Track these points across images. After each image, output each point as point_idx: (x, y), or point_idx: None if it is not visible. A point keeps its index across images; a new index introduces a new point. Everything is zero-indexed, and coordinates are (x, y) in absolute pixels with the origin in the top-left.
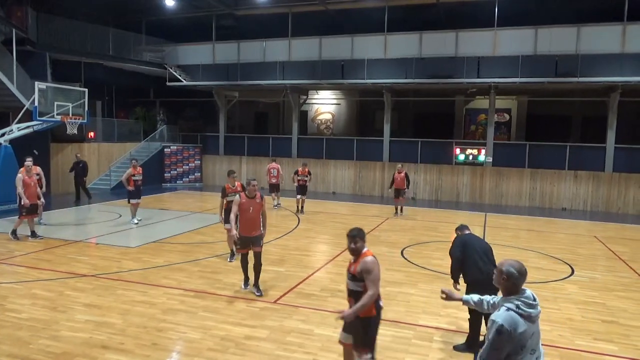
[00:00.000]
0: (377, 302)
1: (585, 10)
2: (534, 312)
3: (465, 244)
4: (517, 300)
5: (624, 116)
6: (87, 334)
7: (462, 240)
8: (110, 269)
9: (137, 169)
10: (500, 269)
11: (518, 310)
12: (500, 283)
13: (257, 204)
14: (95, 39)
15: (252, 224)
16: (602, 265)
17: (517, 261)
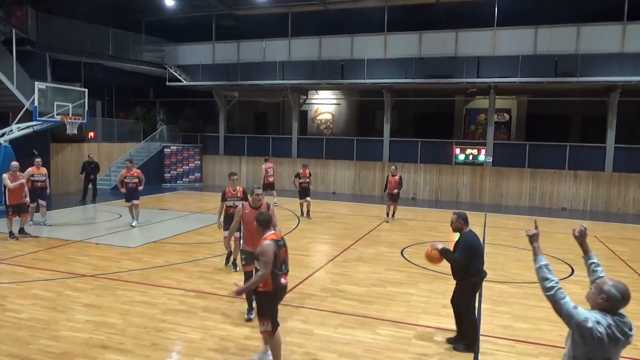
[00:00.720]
0: (277, 279)
1: (584, 10)
2: (622, 339)
3: (475, 247)
4: (611, 319)
5: (624, 116)
6: (87, 334)
7: (472, 243)
8: (110, 269)
9: (132, 171)
10: (600, 287)
11: (607, 329)
12: (595, 301)
13: None
14: (95, 38)
15: (258, 238)
16: (602, 265)
17: (622, 283)
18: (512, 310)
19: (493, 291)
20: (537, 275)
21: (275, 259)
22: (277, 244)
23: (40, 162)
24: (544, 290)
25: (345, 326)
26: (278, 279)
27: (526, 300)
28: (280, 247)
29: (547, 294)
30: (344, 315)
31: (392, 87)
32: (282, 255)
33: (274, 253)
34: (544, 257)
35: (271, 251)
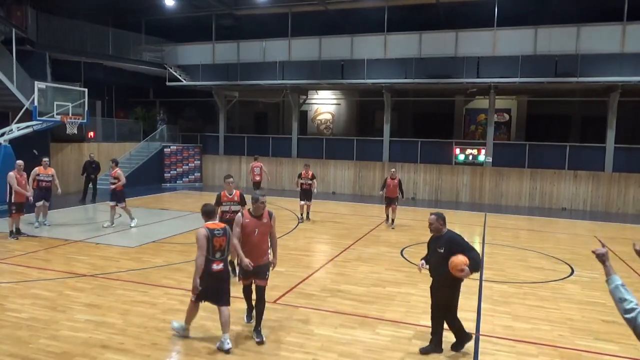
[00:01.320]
0: (209, 265)
1: (584, 10)
2: None
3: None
4: None
5: (624, 116)
6: (87, 334)
7: (460, 236)
8: (109, 268)
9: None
10: None
11: None
12: None
13: (264, 225)
14: (95, 38)
15: (258, 250)
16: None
17: None
18: (512, 310)
19: (493, 291)
20: (612, 296)
21: (208, 246)
22: (212, 232)
23: (47, 162)
24: (622, 312)
25: (345, 326)
26: (210, 265)
27: (526, 300)
28: (216, 236)
29: (626, 316)
30: (344, 315)
31: (392, 87)
32: (218, 244)
33: (207, 239)
34: (618, 276)
35: (203, 237)
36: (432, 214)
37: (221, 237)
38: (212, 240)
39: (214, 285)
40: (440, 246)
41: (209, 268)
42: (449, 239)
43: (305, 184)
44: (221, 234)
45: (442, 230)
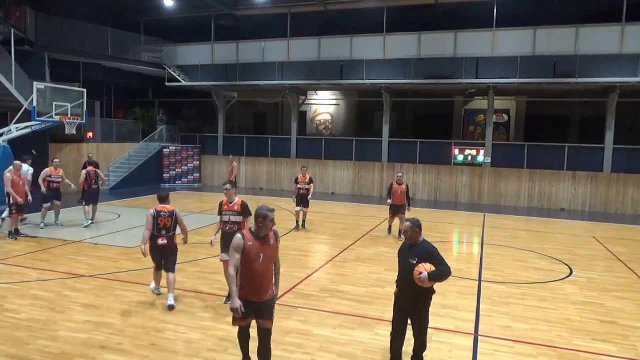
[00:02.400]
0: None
1: (583, 11)
2: None
3: None
4: None
5: (622, 117)
6: (86, 334)
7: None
8: (108, 269)
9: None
10: None
11: None
12: None
13: (270, 248)
14: (93, 38)
15: (263, 281)
16: (601, 265)
17: None
18: (511, 311)
19: (491, 291)
20: None
21: (153, 223)
22: (157, 213)
23: (57, 163)
24: None
25: (344, 326)
26: (155, 239)
27: (524, 300)
28: (161, 216)
29: None
30: (342, 316)
31: (391, 88)
32: (162, 223)
33: (153, 217)
34: None
35: (150, 216)
36: (406, 220)
37: (166, 218)
38: (157, 219)
39: (160, 256)
40: (413, 256)
41: (154, 242)
42: (425, 250)
43: (303, 188)
44: (167, 216)
45: (417, 239)
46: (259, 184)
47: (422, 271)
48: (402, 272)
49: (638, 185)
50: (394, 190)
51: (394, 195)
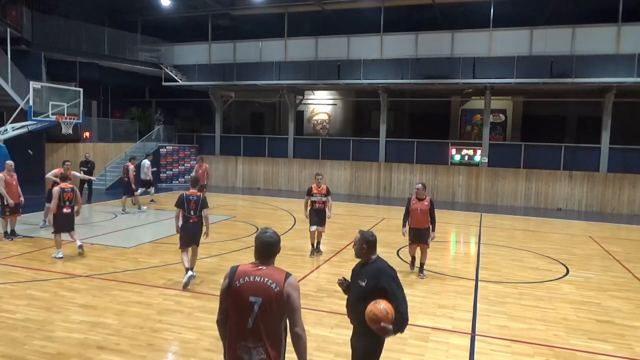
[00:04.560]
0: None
1: (580, 12)
2: None
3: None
4: None
5: (619, 117)
6: (83, 335)
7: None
8: (105, 269)
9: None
10: None
11: None
12: None
13: None
14: (90, 38)
15: None
16: (597, 265)
17: None
18: (508, 310)
19: (489, 291)
20: None
21: (59, 198)
22: (62, 190)
23: (69, 165)
24: None
25: (341, 326)
26: (61, 210)
27: (521, 300)
28: (65, 192)
29: None
30: (340, 316)
31: (388, 88)
32: (67, 197)
33: (59, 194)
34: None
35: (56, 192)
36: (359, 231)
37: (69, 192)
38: (63, 194)
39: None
40: (362, 278)
41: (60, 211)
42: (377, 270)
43: (319, 201)
44: (69, 191)
45: (367, 258)
46: (256, 184)
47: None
48: (350, 298)
49: (634, 185)
50: (412, 208)
51: (412, 215)
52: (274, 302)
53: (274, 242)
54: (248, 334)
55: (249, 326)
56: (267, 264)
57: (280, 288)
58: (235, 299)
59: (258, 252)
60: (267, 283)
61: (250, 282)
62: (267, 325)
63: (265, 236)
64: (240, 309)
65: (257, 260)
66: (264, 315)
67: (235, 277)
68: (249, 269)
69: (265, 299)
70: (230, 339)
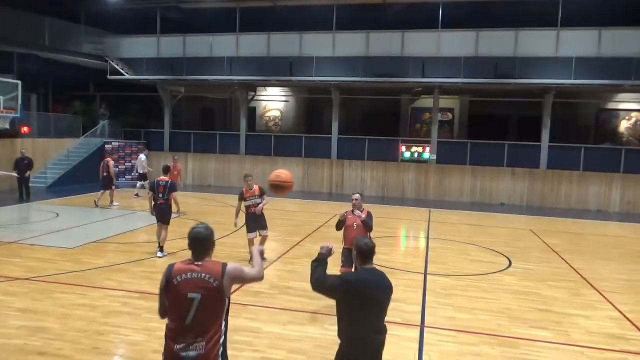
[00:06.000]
0: None
1: (523, 15)
2: None
3: None
4: None
5: (558, 116)
6: (21, 340)
7: None
8: (46, 271)
9: None
10: None
11: None
12: None
13: None
14: (29, 28)
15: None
16: (537, 256)
17: None
18: (455, 302)
19: (436, 284)
20: None
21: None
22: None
23: None
24: None
25: (294, 322)
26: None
27: (467, 292)
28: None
29: None
30: (293, 312)
31: (340, 85)
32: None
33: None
34: None
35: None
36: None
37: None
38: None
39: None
40: None
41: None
42: None
43: (254, 204)
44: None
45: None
46: (207, 181)
47: None
48: None
49: (570, 180)
50: (348, 224)
51: (347, 232)
52: (212, 297)
53: (205, 237)
54: (187, 331)
55: (187, 323)
56: (202, 259)
57: (219, 281)
58: (174, 297)
59: (191, 248)
60: (204, 278)
61: (188, 279)
62: (206, 321)
63: (195, 232)
64: (180, 306)
65: (192, 256)
66: (203, 310)
67: (173, 275)
68: (185, 266)
69: (204, 295)
70: (169, 336)
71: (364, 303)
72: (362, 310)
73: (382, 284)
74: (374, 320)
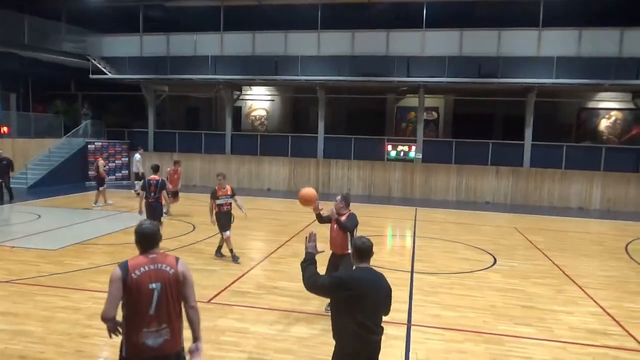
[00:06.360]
0: None
1: (505, 15)
2: None
3: None
4: None
5: (540, 115)
6: (2, 345)
7: None
8: (28, 273)
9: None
10: None
11: None
12: None
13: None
14: (7, 25)
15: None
16: (521, 254)
17: None
18: (441, 300)
19: (423, 282)
20: None
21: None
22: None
23: None
24: None
25: (281, 322)
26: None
27: (453, 289)
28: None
29: None
30: (280, 312)
31: (326, 85)
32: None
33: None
34: None
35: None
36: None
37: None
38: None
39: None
40: None
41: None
42: None
43: (226, 204)
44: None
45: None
46: (192, 181)
47: None
48: None
49: (553, 179)
50: (332, 224)
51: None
52: (171, 284)
53: (154, 232)
54: (151, 320)
55: (151, 312)
56: (155, 253)
57: (175, 270)
58: (135, 290)
59: (142, 243)
60: (162, 268)
61: (147, 271)
62: (168, 307)
63: (144, 228)
64: (142, 298)
65: (144, 251)
66: (164, 298)
67: (130, 271)
68: (142, 261)
69: (164, 283)
70: (131, 328)
71: (358, 301)
72: (356, 309)
73: (378, 284)
74: (369, 320)
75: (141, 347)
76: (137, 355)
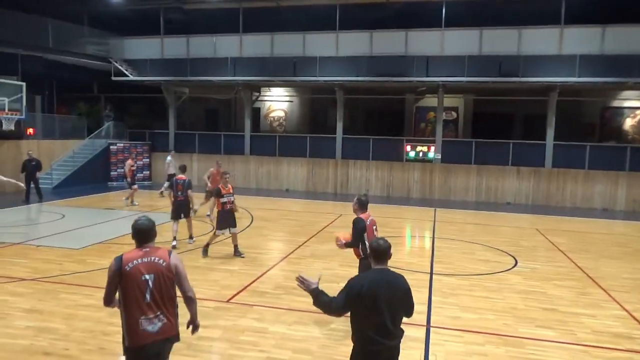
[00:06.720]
0: None
1: (526, 13)
2: None
3: None
4: None
5: (562, 114)
6: (28, 341)
7: None
8: (52, 272)
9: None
10: None
11: None
12: None
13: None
14: (33, 30)
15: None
16: (543, 256)
17: None
18: (460, 302)
19: (442, 284)
20: None
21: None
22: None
23: None
24: None
25: (300, 323)
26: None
27: (473, 291)
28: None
29: None
30: (299, 312)
31: (344, 85)
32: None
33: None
34: None
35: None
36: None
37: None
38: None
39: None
40: None
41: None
42: None
43: (229, 202)
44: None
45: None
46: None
47: None
48: None
49: (576, 179)
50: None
51: None
52: (164, 275)
53: (149, 227)
54: (147, 308)
55: (146, 300)
56: (149, 247)
57: (167, 262)
58: (130, 281)
59: (137, 238)
60: (155, 260)
61: (140, 263)
62: (162, 295)
63: (140, 223)
64: (137, 288)
65: (139, 245)
66: (158, 287)
67: (124, 263)
68: (136, 254)
69: (156, 274)
70: (131, 316)
71: (373, 304)
72: (371, 312)
73: (395, 285)
74: (386, 322)
75: (142, 334)
76: (139, 342)
